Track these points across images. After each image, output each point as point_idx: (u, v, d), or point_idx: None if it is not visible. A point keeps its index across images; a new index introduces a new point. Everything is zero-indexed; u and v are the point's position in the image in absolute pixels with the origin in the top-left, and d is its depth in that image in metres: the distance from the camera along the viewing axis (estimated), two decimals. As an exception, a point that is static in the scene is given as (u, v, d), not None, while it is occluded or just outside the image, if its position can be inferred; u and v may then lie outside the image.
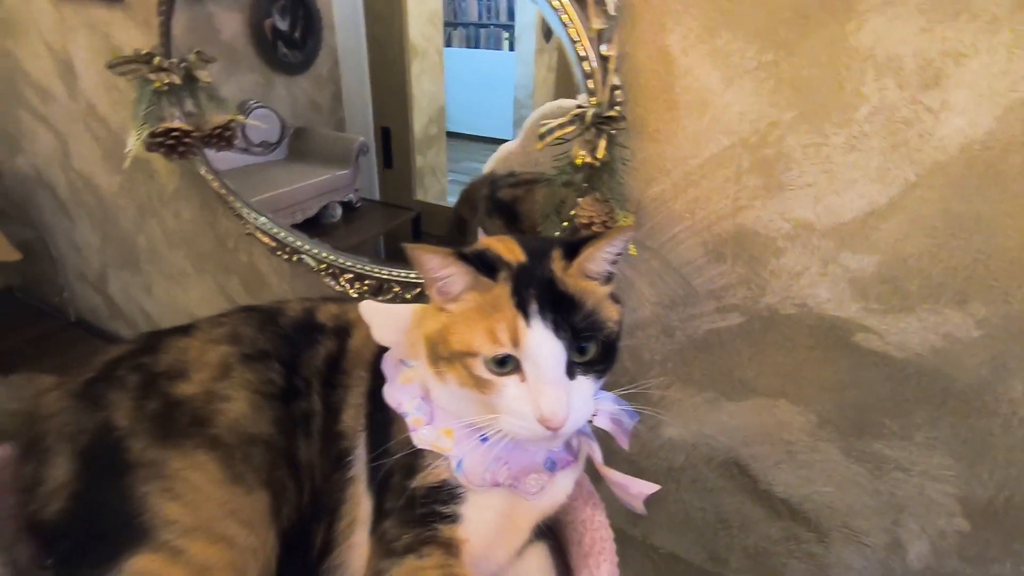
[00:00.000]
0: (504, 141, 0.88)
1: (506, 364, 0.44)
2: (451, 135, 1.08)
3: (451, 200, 1.09)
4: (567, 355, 0.44)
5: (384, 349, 0.54)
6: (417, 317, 0.53)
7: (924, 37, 0.53)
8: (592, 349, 0.45)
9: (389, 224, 1.18)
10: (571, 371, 0.45)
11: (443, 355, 0.46)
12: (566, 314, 0.44)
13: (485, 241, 0.52)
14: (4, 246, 1.38)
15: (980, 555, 0.69)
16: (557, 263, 0.47)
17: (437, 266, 0.45)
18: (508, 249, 0.49)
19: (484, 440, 0.48)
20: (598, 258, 0.47)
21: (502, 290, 0.45)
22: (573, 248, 0.48)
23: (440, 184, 1.10)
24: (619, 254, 0.48)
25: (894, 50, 0.54)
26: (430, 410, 0.50)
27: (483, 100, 1.09)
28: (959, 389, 0.62)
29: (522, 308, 0.44)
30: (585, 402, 0.45)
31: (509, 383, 0.44)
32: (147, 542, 0.47)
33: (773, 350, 0.71)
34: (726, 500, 0.82)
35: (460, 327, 0.45)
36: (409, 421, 0.49)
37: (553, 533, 0.58)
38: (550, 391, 0.43)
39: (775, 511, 0.79)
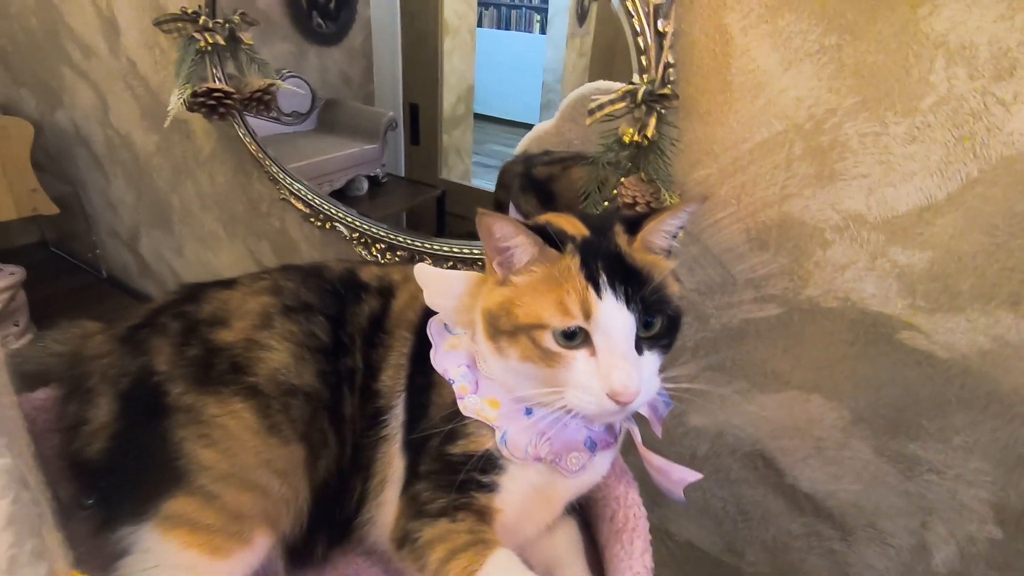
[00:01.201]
0: (530, 125, 0.87)
1: (575, 338, 0.43)
2: (476, 117, 1.07)
3: (475, 181, 1.09)
4: (637, 329, 0.43)
5: (429, 313, 0.54)
6: (472, 287, 0.53)
7: (1003, 25, 0.50)
8: (659, 323, 0.45)
9: (413, 201, 1.18)
10: (639, 346, 0.44)
11: (505, 329, 0.46)
12: (635, 288, 0.44)
13: (544, 217, 0.51)
14: (43, 199, 1.40)
15: (1009, 564, 0.67)
16: (621, 237, 0.47)
17: (509, 235, 0.44)
18: (570, 224, 0.49)
19: (529, 414, 0.48)
20: (661, 232, 0.47)
21: (570, 262, 0.44)
22: (635, 222, 0.48)
23: (464, 165, 1.10)
24: (681, 227, 0.48)
25: (968, 37, 0.52)
26: (475, 379, 0.50)
27: (511, 83, 1.07)
28: (1004, 393, 0.61)
29: (592, 281, 0.43)
30: (653, 377, 0.45)
31: (578, 356, 0.43)
32: (183, 486, 0.48)
33: (811, 343, 0.70)
34: (748, 492, 0.82)
35: (527, 299, 0.45)
36: (456, 388, 0.49)
37: (582, 509, 0.58)
38: (622, 365, 0.42)
39: (798, 506, 0.79)
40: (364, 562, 0.56)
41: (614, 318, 0.42)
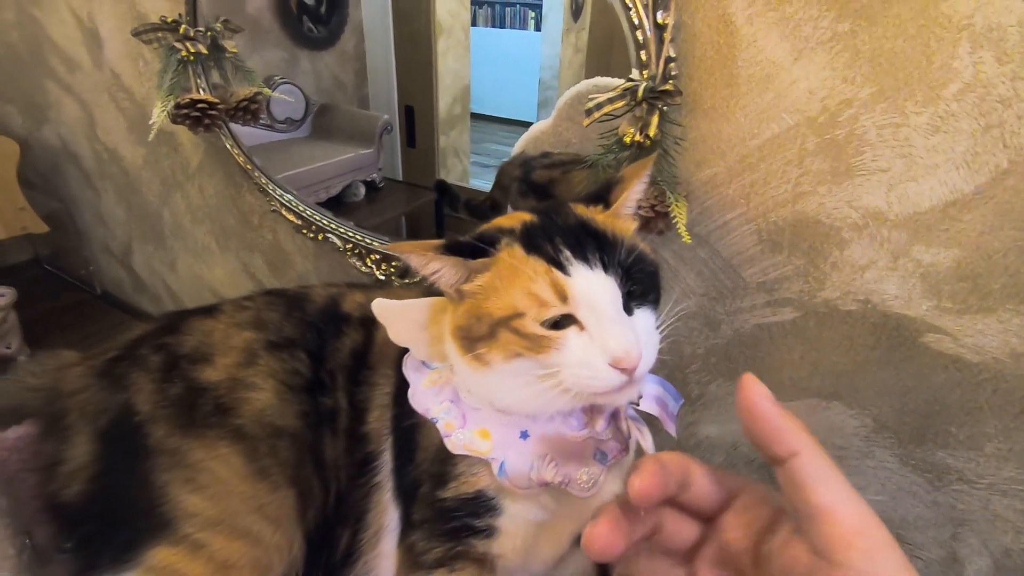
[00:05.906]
0: (528, 124, 0.84)
1: (559, 324, 0.40)
2: (473, 116, 1.04)
3: (474, 182, 1.06)
4: (621, 291, 0.40)
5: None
6: (434, 314, 0.49)
7: (1033, 3, 0.46)
8: (641, 282, 0.42)
9: (411, 205, 1.16)
10: (627, 307, 0.41)
11: (480, 333, 0.41)
12: (609, 252, 0.41)
13: (494, 222, 0.48)
14: (32, 218, 1.38)
15: (1047, 576, 0.64)
16: (584, 209, 0.46)
17: (423, 263, 0.42)
18: (511, 219, 0.46)
19: (525, 437, 0.44)
20: (632, 198, 0.48)
21: (511, 254, 0.41)
22: (598, 198, 0.47)
23: (463, 165, 1.07)
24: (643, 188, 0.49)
25: (996, 19, 0.48)
26: (461, 412, 0.46)
27: (507, 81, 1.05)
28: (1040, 398, 0.57)
29: (553, 261, 0.40)
30: (651, 335, 0.42)
31: (569, 335, 0.39)
32: (168, 534, 0.45)
33: (829, 349, 0.66)
34: (766, 503, 0.78)
35: (493, 297, 0.41)
36: (440, 426, 0.45)
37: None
38: (616, 330, 0.38)
39: (819, 517, 0.75)
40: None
41: (593, 287, 0.39)
